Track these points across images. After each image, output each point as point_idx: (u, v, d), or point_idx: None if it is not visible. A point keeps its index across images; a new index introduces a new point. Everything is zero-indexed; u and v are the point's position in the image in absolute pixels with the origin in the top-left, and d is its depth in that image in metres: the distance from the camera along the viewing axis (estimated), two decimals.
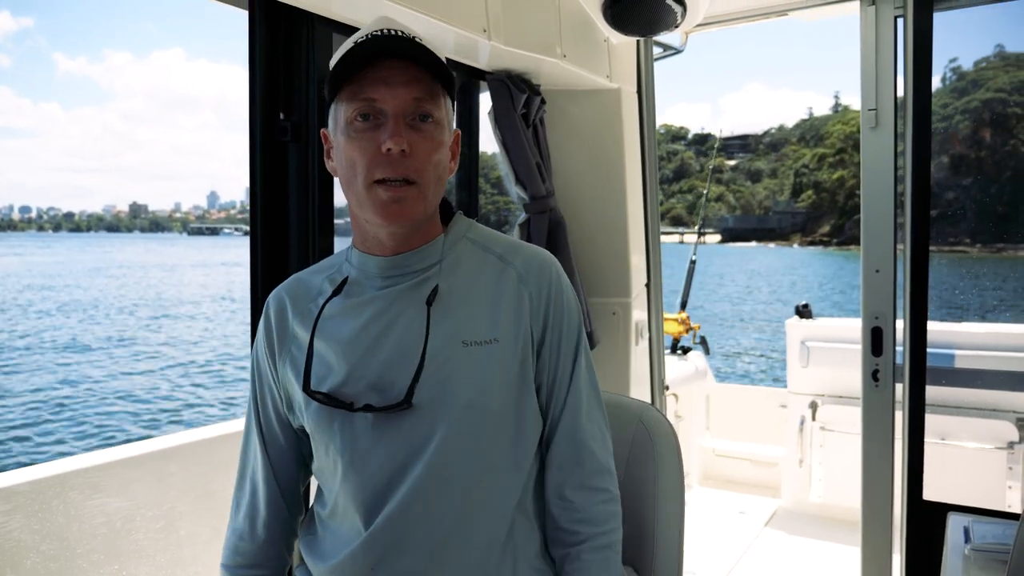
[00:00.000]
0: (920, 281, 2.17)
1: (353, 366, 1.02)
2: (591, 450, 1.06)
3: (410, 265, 1.05)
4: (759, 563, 3.25)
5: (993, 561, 1.51)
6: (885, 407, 2.32)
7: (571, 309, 1.09)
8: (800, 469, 3.70)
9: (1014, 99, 2.70)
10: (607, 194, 2.67)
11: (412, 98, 0.98)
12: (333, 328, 1.05)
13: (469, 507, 0.99)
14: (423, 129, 0.99)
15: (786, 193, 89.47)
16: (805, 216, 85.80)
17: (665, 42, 2.86)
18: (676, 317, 4.59)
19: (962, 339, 3.20)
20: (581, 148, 2.67)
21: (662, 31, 2.38)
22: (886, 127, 2.32)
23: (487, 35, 1.96)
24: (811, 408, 3.71)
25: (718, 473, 4.35)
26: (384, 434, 0.99)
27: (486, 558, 1.00)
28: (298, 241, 1.65)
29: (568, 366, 1.07)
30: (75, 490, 1.70)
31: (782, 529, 3.60)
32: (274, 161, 1.64)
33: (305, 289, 1.12)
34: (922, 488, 2.19)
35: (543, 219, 2.44)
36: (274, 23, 1.61)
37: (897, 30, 2.30)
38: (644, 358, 2.84)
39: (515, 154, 2.33)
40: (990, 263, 2.98)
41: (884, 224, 2.31)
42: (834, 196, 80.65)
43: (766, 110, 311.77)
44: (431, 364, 0.99)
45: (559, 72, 2.36)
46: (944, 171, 3.27)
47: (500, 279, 1.06)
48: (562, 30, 2.28)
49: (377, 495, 0.99)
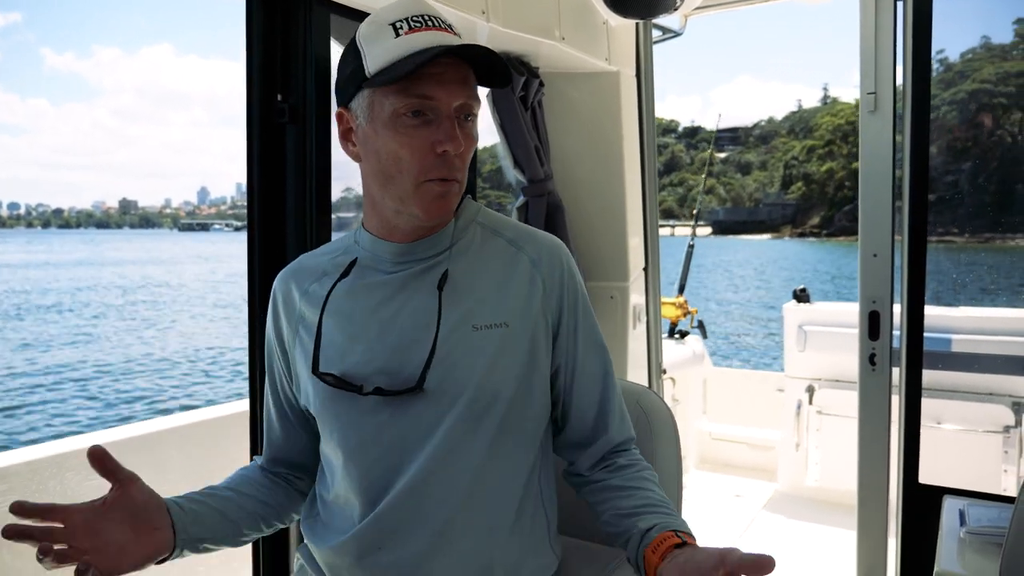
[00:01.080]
0: (917, 266, 2.17)
1: (363, 349, 1.02)
2: (621, 427, 1.11)
3: (422, 251, 1.05)
4: (755, 546, 3.26)
5: (988, 544, 1.52)
6: (882, 391, 2.32)
7: (583, 294, 1.10)
8: (797, 453, 3.72)
9: (999, 90, 2.69)
10: (605, 178, 2.66)
11: (464, 99, 0.97)
12: (342, 310, 1.05)
13: (474, 491, 0.99)
14: (467, 127, 0.99)
15: (776, 185, 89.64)
16: (795, 208, 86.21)
17: (664, 25, 2.84)
18: (674, 301, 4.59)
19: (959, 323, 3.21)
20: (580, 131, 2.65)
21: (661, 13, 2.36)
22: (885, 111, 2.30)
23: (485, 17, 1.94)
24: (808, 392, 3.73)
25: (715, 456, 4.37)
26: (392, 418, 0.99)
27: (491, 543, 1.00)
28: (295, 221, 1.65)
29: (588, 350, 1.09)
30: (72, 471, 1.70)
31: (778, 512, 3.62)
32: (271, 143, 1.63)
33: (311, 271, 1.12)
34: (918, 471, 2.20)
35: (541, 202, 2.44)
36: (271, 4, 1.59)
37: (897, 13, 2.28)
38: (642, 342, 2.84)
39: (513, 137, 2.32)
40: (974, 253, 2.99)
41: (882, 208, 2.30)
42: (823, 188, 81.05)
43: (756, 102, 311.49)
44: (441, 348, 0.99)
45: (558, 55, 2.34)
46: (936, 160, 3.27)
47: (511, 264, 1.06)
48: (561, 12, 2.26)
49: (382, 478, 1.00)
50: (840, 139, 79.04)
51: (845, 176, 78.06)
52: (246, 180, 1.64)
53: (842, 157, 78.51)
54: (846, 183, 78.20)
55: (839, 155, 78.75)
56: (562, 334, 1.07)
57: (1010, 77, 2.40)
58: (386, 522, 0.99)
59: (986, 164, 2.87)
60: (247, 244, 1.63)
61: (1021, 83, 2.65)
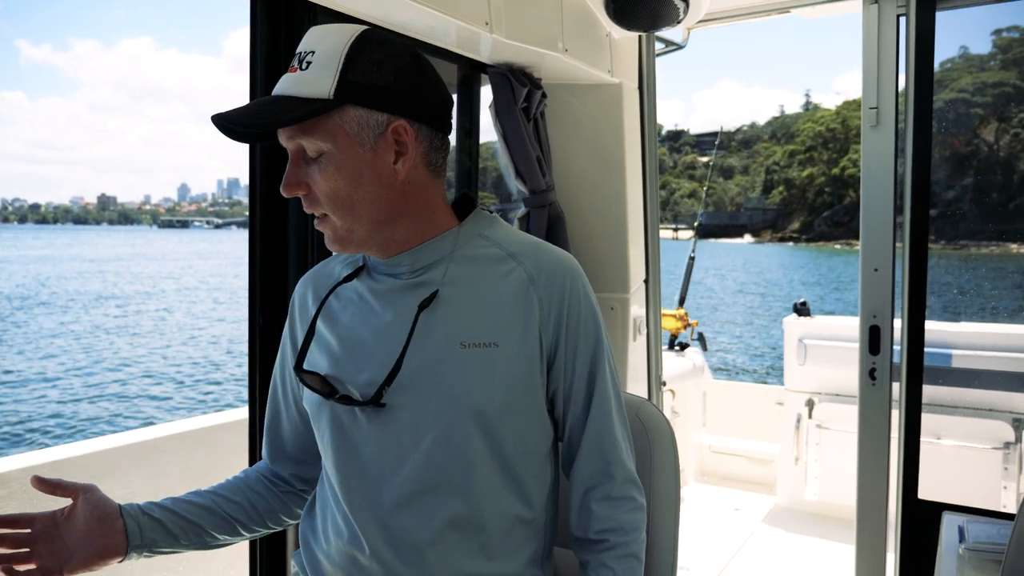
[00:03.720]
0: (918, 280, 2.17)
1: (346, 355, 1.03)
2: (619, 462, 1.05)
3: (410, 262, 1.04)
4: (754, 560, 3.25)
5: (987, 561, 1.51)
6: (882, 406, 2.32)
7: (589, 317, 1.04)
8: (796, 467, 3.71)
9: (976, 100, 2.69)
10: (607, 189, 2.67)
11: (285, 142, 0.98)
12: (338, 314, 1.07)
13: (458, 511, 0.98)
14: (306, 168, 0.99)
15: (757, 190, 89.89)
16: (776, 213, 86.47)
17: (667, 37, 2.85)
18: (674, 313, 4.59)
19: (959, 339, 3.20)
20: (582, 143, 2.66)
21: (664, 26, 2.38)
22: (887, 126, 2.31)
23: (488, 28, 1.95)
24: (808, 406, 3.72)
25: (714, 469, 4.36)
26: (373, 431, 1.00)
27: (475, 564, 0.99)
28: (297, 227, 1.65)
29: (587, 377, 1.04)
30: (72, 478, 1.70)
31: (777, 526, 3.60)
32: (274, 150, 1.64)
33: (326, 276, 1.14)
34: (917, 487, 2.20)
35: (542, 213, 2.44)
36: (275, 14, 1.60)
37: (899, 29, 2.29)
38: (642, 354, 2.84)
39: (515, 148, 2.33)
40: (951, 259, 3.00)
41: (883, 223, 2.31)
42: (804, 193, 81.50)
43: (738, 107, 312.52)
44: (422, 364, 0.98)
45: (560, 66, 2.35)
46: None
47: (506, 278, 1.02)
48: (564, 24, 2.27)
49: (365, 491, 1.00)
50: (821, 145, 79.49)
51: (825, 182, 78.64)
52: (248, 186, 1.65)
53: (822, 163, 79.03)
54: (826, 189, 78.79)
55: (819, 161, 79.26)
56: (558, 360, 1.03)
57: (987, 87, 2.43)
58: (370, 535, 0.99)
59: (962, 173, 2.87)
60: (248, 251, 1.64)
61: (998, 92, 2.68)
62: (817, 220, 78.29)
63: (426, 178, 1.02)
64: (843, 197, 76.14)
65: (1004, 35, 2.68)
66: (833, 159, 77.71)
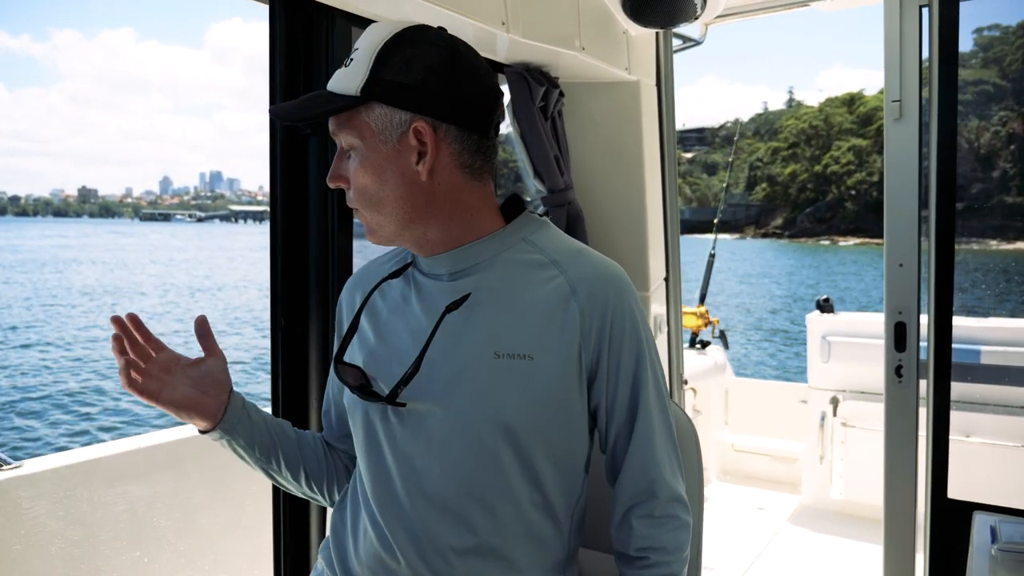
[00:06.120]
0: (945, 275, 2.13)
1: (381, 352, 1.04)
2: (663, 481, 1.02)
3: (449, 265, 1.02)
4: (779, 560, 3.22)
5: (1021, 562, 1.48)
6: (909, 403, 2.28)
7: (633, 332, 1.01)
8: (821, 465, 3.67)
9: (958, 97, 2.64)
10: (626, 187, 2.65)
11: (333, 133, 1.01)
12: (379, 311, 1.09)
13: (485, 523, 0.97)
14: (344, 163, 1.01)
15: (741, 186, 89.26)
16: (759, 209, 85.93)
17: (684, 34, 2.83)
18: (695, 311, 4.55)
19: (988, 335, 3.14)
20: (600, 141, 2.65)
21: (681, 23, 2.36)
22: (910, 119, 2.27)
23: (505, 28, 1.95)
24: (832, 404, 3.67)
25: (737, 468, 4.32)
26: (403, 434, 1.00)
27: (494, 570, 0.99)
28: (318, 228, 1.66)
29: (630, 394, 1.01)
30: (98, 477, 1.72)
31: (802, 526, 3.56)
32: (295, 153, 1.65)
33: (374, 272, 1.15)
34: (947, 486, 2.16)
35: (561, 212, 2.43)
36: (294, 16, 1.62)
37: (922, 21, 2.26)
38: (663, 352, 2.82)
39: (533, 147, 2.32)
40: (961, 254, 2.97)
41: (908, 217, 2.27)
42: (787, 189, 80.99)
43: (721, 104, 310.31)
44: (456, 372, 0.98)
45: (578, 64, 2.34)
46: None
47: (545, 286, 0.99)
48: (581, 22, 2.26)
49: (394, 495, 1.00)
50: (804, 142, 78.97)
51: (808, 179, 78.23)
52: (269, 188, 1.66)
53: (805, 160, 78.41)
54: (808, 185, 78.35)
55: (803, 158, 78.75)
56: (600, 376, 1.00)
57: (968, 85, 2.39)
58: (393, 536, 0.99)
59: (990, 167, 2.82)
60: (269, 252, 1.65)
61: (978, 91, 2.64)
62: (800, 216, 78.19)
63: (460, 180, 1.00)
64: (826, 194, 75.84)
65: (985, 34, 2.66)
66: (816, 156, 77.18)
